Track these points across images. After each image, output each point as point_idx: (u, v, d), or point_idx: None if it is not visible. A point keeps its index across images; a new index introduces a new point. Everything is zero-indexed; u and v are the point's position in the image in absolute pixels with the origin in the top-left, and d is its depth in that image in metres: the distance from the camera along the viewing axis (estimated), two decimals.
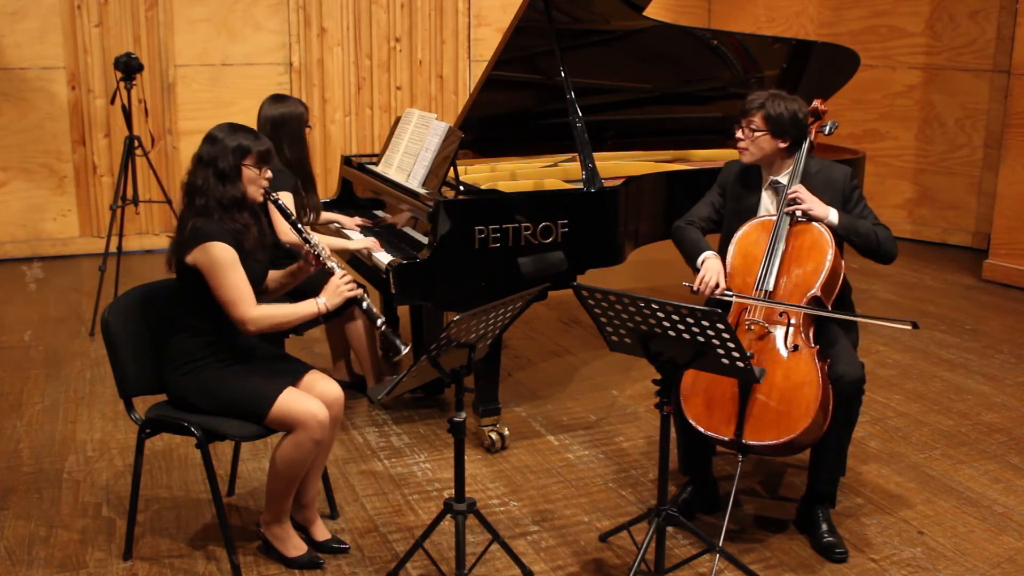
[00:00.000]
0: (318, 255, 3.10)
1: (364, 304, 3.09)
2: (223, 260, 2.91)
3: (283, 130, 4.06)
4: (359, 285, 3.09)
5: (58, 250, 6.87)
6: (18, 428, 4.09)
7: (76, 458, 3.82)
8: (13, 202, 6.72)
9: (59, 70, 6.65)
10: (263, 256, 3.10)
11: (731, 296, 3.24)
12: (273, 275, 3.23)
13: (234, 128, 3.03)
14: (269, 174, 3.07)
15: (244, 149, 2.99)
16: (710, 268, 3.29)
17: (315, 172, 7.27)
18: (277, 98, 4.14)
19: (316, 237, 3.16)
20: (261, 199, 3.07)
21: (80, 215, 6.89)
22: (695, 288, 3.28)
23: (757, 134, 3.28)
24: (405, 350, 3.10)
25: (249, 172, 3.00)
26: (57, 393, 4.46)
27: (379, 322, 3.10)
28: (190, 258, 2.94)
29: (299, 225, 3.14)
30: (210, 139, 3.02)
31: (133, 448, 3.15)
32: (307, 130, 4.17)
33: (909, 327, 3.05)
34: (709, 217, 3.53)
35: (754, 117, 3.27)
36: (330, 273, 3.07)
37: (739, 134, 3.32)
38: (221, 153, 2.97)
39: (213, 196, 2.96)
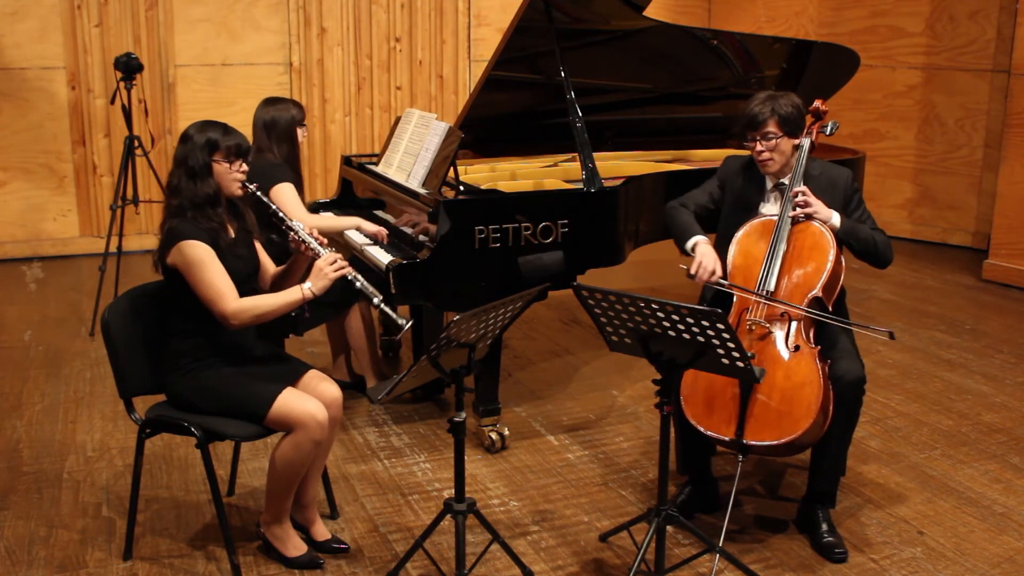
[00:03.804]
0: (303, 240, 3.05)
1: (357, 284, 3.02)
2: (198, 258, 2.90)
3: (273, 132, 4.11)
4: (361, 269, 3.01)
5: (58, 250, 6.87)
6: (18, 428, 4.09)
7: (76, 458, 3.82)
8: (13, 202, 6.72)
9: (59, 70, 6.65)
10: (246, 251, 3.09)
11: (726, 285, 3.24)
12: (275, 270, 3.22)
13: (205, 125, 3.02)
14: (244, 167, 3.04)
15: (213, 144, 2.97)
16: (706, 254, 3.30)
17: (315, 172, 7.37)
18: (270, 100, 4.19)
19: (300, 224, 3.09)
20: (240, 192, 3.05)
21: (80, 215, 6.89)
22: (692, 272, 3.29)
23: (775, 141, 3.27)
24: (407, 325, 3.02)
25: (220, 167, 2.99)
26: (57, 393, 4.46)
27: (376, 300, 3.01)
28: (169, 260, 2.95)
29: (280, 213, 3.10)
30: (183, 138, 3.02)
31: (133, 448, 3.15)
32: (302, 130, 4.18)
33: (886, 336, 3.07)
34: (705, 206, 3.54)
35: (768, 127, 3.25)
36: (317, 257, 3.02)
37: (757, 147, 3.29)
38: (191, 151, 2.97)
39: (186, 195, 2.96)
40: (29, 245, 6.82)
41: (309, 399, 2.96)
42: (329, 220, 4.22)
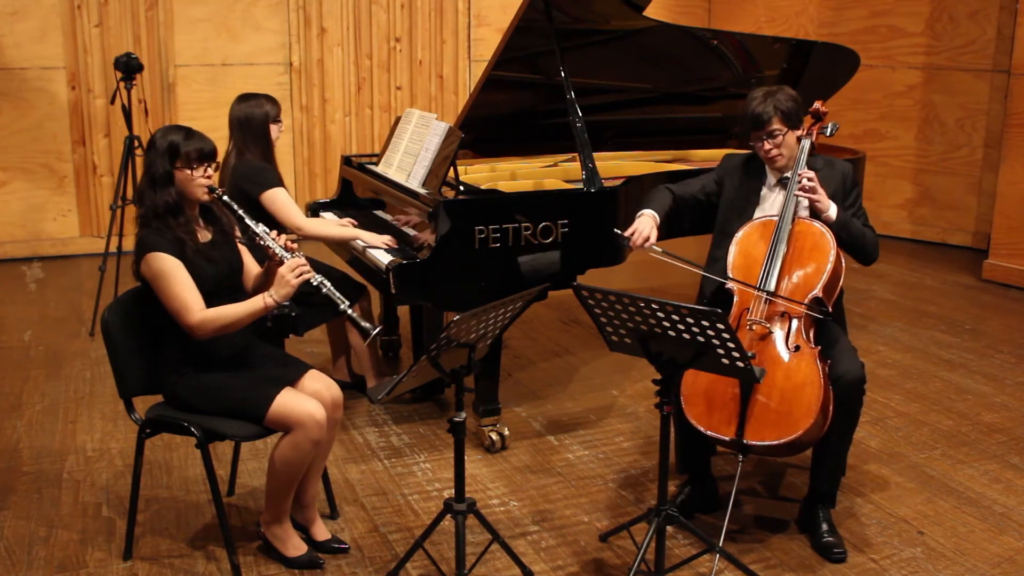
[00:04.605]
0: (267, 245, 2.99)
1: (324, 289, 2.98)
2: (161, 271, 2.88)
3: (247, 129, 4.07)
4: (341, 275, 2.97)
5: (58, 250, 6.87)
6: (18, 428, 4.09)
7: (76, 458, 3.82)
8: (13, 202, 6.72)
9: (59, 70, 6.65)
10: (221, 254, 3.05)
11: (660, 252, 3.31)
12: (257, 272, 3.20)
13: (169, 130, 2.98)
14: (210, 172, 3.00)
15: (174, 149, 2.93)
16: (644, 222, 3.39)
17: (315, 172, 7.38)
18: (243, 97, 4.13)
19: (264, 229, 3.04)
20: (206, 198, 3.00)
21: (80, 215, 6.89)
22: (626, 235, 3.37)
23: (781, 137, 3.28)
24: (374, 331, 3.01)
25: (182, 174, 2.95)
26: (57, 393, 4.46)
27: (342, 307, 2.98)
28: (141, 271, 2.94)
29: (246, 219, 3.05)
30: (149, 145, 2.99)
31: (133, 448, 3.15)
32: (276, 127, 4.13)
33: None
34: (694, 195, 3.57)
35: (773, 125, 3.26)
36: (280, 264, 2.96)
37: (765, 146, 3.29)
38: (154, 159, 2.94)
39: (149, 205, 2.93)
40: (29, 245, 6.82)
41: (308, 399, 2.96)
42: (328, 228, 4.18)
